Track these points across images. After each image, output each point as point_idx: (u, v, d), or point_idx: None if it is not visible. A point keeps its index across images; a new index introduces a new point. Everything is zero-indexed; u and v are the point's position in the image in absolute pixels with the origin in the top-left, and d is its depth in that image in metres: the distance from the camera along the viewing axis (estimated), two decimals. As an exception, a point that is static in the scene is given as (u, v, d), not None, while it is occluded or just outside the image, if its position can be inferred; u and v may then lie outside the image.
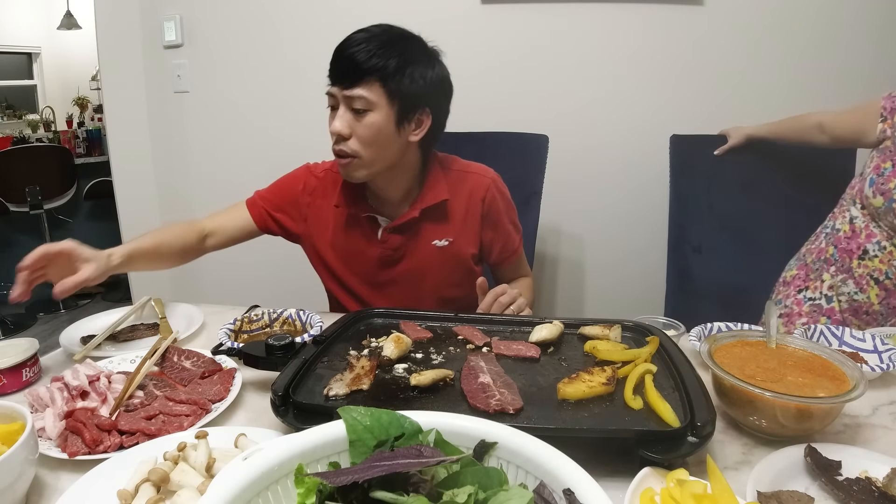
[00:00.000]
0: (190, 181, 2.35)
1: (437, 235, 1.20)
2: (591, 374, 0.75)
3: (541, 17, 1.90)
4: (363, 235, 1.20)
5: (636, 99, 1.92)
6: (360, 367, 0.78)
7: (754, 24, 1.82)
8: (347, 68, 1.03)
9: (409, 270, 1.21)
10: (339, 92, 1.05)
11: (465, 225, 1.21)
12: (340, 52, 1.05)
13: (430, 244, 1.20)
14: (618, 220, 2.02)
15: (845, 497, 0.59)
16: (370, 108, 1.04)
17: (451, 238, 1.20)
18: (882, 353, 0.92)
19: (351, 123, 1.05)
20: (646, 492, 0.57)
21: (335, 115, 1.07)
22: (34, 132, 4.54)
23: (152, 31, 2.20)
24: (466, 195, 1.21)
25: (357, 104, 1.04)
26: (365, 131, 1.05)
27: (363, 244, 1.21)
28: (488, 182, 1.22)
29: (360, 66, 1.02)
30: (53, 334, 2.64)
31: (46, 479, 0.66)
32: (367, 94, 1.03)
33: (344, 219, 1.21)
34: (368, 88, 1.03)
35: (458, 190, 1.21)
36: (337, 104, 1.07)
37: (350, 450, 0.48)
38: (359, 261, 1.22)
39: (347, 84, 1.03)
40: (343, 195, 1.20)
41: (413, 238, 1.19)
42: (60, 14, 4.98)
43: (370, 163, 1.09)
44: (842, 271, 1.32)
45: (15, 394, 0.86)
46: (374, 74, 1.02)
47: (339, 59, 1.05)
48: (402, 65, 1.04)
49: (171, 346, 0.95)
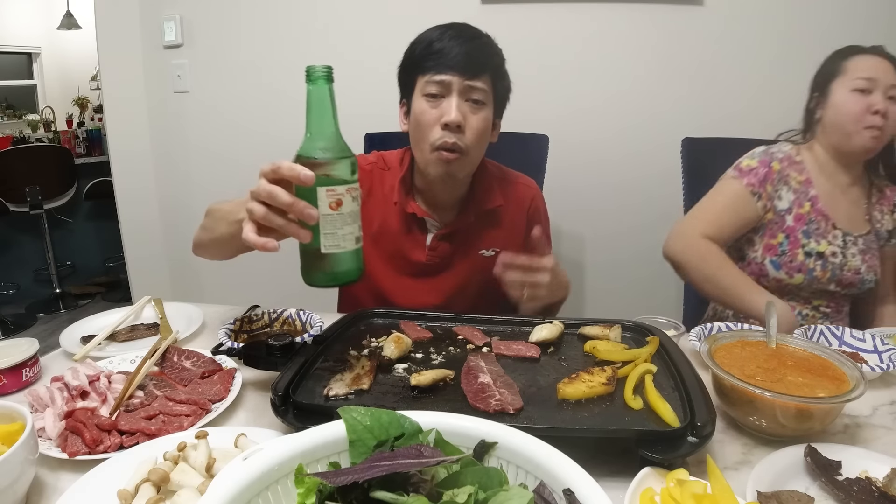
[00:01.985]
0: (190, 181, 2.35)
1: (485, 244, 1.16)
2: (591, 374, 0.75)
3: (541, 17, 1.90)
4: (411, 238, 1.15)
5: (636, 99, 1.92)
6: (360, 367, 0.78)
7: (754, 23, 1.82)
8: (472, 59, 1.00)
9: (453, 279, 1.16)
10: (460, 80, 1.00)
11: (512, 234, 1.18)
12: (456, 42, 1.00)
13: (477, 254, 1.16)
14: (618, 220, 2.02)
15: (845, 497, 0.59)
16: (486, 102, 1.03)
17: (499, 248, 1.16)
18: (882, 353, 0.93)
19: (465, 115, 1.02)
20: (646, 492, 0.57)
21: (439, 104, 1.01)
22: (34, 132, 4.54)
23: (152, 31, 2.21)
24: (515, 203, 1.19)
25: (477, 95, 1.02)
26: (479, 124, 1.03)
27: (409, 247, 1.15)
28: (533, 192, 1.22)
29: (481, 57, 1.01)
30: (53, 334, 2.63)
31: (46, 479, 0.66)
32: (486, 86, 1.02)
33: (396, 217, 1.14)
34: (486, 82, 1.02)
35: (509, 196, 1.19)
36: (445, 94, 1.01)
37: (350, 450, 0.48)
38: (400, 264, 1.16)
39: (471, 74, 1.00)
40: (400, 192, 1.14)
41: (462, 247, 1.16)
42: (60, 14, 4.98)
43: (473, 161, 1.06)
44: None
45: (15, 394, 0.86)
46: (490, 71, 1.02)
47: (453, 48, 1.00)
48: (503, 65, 1.06)
49: (171, 346, 0.95)
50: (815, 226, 1.22)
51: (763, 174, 1.22)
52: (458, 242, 1.15)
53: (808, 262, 1.21)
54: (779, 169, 1.23)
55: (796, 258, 1.21)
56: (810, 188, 1.23)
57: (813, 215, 1.22)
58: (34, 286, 3.93)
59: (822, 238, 1.22)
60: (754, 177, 1.22)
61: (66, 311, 3.72)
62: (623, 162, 1.97)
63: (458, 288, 1.17)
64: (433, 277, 1.17)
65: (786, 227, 1.23)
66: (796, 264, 1.21)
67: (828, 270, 1.21)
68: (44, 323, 3.56)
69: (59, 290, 3.80)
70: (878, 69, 1.16)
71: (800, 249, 1.21)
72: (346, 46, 2.03)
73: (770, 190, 1.23)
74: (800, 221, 1.22)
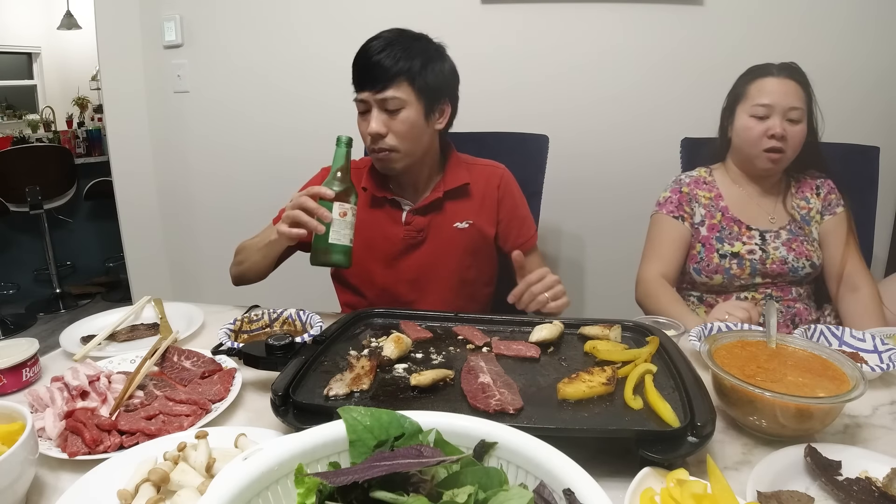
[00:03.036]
0: (190, 181, 2.35)
1: (458, 217, 1.26)
2: (591, 374, 0.75)
3: (541, 17, 1.90)
4: (387, 218, 1.26)
5: (636, 98, 1.92)
6: (360, 367, 0.78)
7: (754, 23, 1.82)
8: (377, 74, 1.11)
9: (432, 252, 1.26)
10: (371, 96, 1.13)
11: (483, 207, 1.28)
12: (366, 60, 1.13)
13: (451, 227, 1.26)
14: (618, 220, 2.02)
15: (845, 497, 0.59)
16: (403, 106, 1.13)
17: (472, 220, 1.27)
18: (882, 353, 0.92)
19: (386, 122, 1.14)
20: (646, 492, 0.57)
21: (368, 118, 1.15)
22: (34, 132, 4.54)
23: (152, 31, 2.20)
24: (483, 182, 1.30)
25: (390, 105, 1.13)
26: (401, 126, 1.14)
27: (387, 226, 1.26)
28: (501, 171, 1.33)
29: (388, 70, 1.11)
30: (53, 334, 2.63)
31: (46, 479, 0.66)
32: (399, 93, 1.12)
33: (368, 202, 1.26)
34: (398, 89, 1.12)
35: (475, 177, 1.29)
36: (368, 108, 1.14)
37: (350, 450, 0.48)
38: (382, 245, 1.26)
39: (380, 88, 1.12)
40: (370, 180, 1.26)
41: (436, 220, 1.26)
42: (60, 14, 4.98)
43: (407, 154, 1.17)
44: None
45: (15, 394, 0.86)
46: (403, 76, 1.12)
47: (365, 66, 1.13)
48: (424, 63, 1.14)
49: (171, 346, 0.95)
50: (727, 231, 1.34)
51: (677, 199, 1.37)
52: (432, 216, 1.26)
53: (723, 262, 1.31)
54: (688, 191, 1.37)
55: (712, 262, 1.32)
56: (720, 201, 1.36)
57: (724, 223, 1.34)
58: (34, 286, 3.92)
59: (735, 241, 1.32)
60: (671, 204, 1.37)
61: (66, 311, 3.71)
62: (623, 162, 1.97)
63: (441, 258, 1.26)
64: (416, 251, 1.26)
65: (701, 238, 1.35)
66: (713, 266, 1.32)
67: (746, 267, 1.30)
68: (44, 323, 3.56)
69: (59, 290, 3.79)
70: (776, 93, 1.24)
71: (715, 254, 1.32)
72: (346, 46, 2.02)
73: (687, 210, 1.36)
74: (712, 230, 1.34)
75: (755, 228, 1.33)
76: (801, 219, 1.35)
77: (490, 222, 1.29)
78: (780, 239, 1.31)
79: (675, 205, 1.36)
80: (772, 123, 1.24)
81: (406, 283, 1.27)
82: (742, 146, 1.30)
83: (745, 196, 1.36)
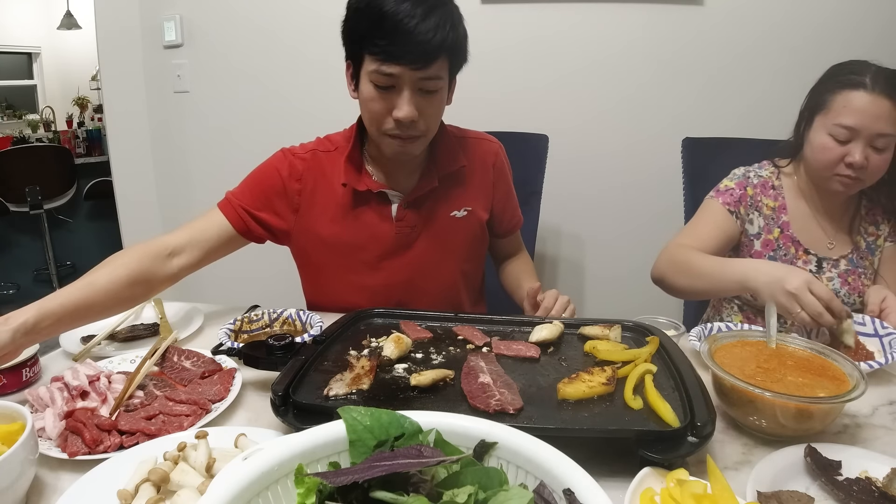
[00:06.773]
0: (190, 181, 2.35)
1: (455, 205, 1.12)
2: (591, 374, 0.75)
3: (541, 17, 1.90)
4: (375, 214, 1.09)
5: (636, 98, 1.92)
6: (360, 367, 0.78)
7: (754, 23, 1.82)
8: (422, 47, 0.90)
9: (428, 248, 1.12)
10: (410, 73, 0.92)
11: (480, 191, 1.15)
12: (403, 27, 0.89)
13: (448, 216, 1.12)
14: (617, 220, 2.02)
15: (845, 497, 0.59)
16: (440, 87, 0.96)
17: (470, 207, 1.13)
18: (882, 337, 0.92)
19: (419, 105, 0.95)
20: (646, 492, 0.57)
21: (390, 96, 0.94)
22: (34, 132, 4.54)
23: (152, 31, 2.20)
24: (479, 161, 1.15)
25: (431, 85, 0.95)
26: (435, 110, 0.99)
27: (374, 224, 1.09)
28: (496, 147, 1.19)
29: (432, 44, 0.90)
30: (53, 334, 2.63)
31: (46, 479, 0.66)
32: (441, 71, 0.95)
33: (350, 199, 1.08)
34: (441, 66, 0.94)
35: (471, 156, 1.14)
36: (395, 84, 0.94)
37: (350, 450, 0.48)
38: (369, 247, 1.10)
39: (421, 65, 0.91)
40: (349, 171, 1.07)
41: (430, 212, 1.11)
42: (60, 14, 4.98)
43: (430, 137, 1.03)
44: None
45: (15, 394, 0.86)
46: (445, 51, 0.93)
47: (405, 35, 0.89)
48: (461, 35, 0.96)
49: (171, 346, 0.95)
50: (782, 252, 1.21)
51: (738, 195, 1.23)
52: (427, 208, 1.10)
53: None
54: (752, 194, 1.23)
55: None
56: (783, 214, 1.22)
57: (782, 241, 1.22)
58: (34, 286, 3.92)
59: (790, 264, 1.19)
60: (730, 196, 1.23)
61: (66, 311, 3.71)
62: (623, 162, 1.97)
63: (437, 254, 1.13)
64: (409, 250, 1.11)
65: (753, 252, 1.23)
66: None
67: None
68: (44, 323, 3.55)
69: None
70: (866, 115, 1.04)
71: None
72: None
73: (743, 212, 1.23)
74: (767, 247, 1.22)
75: (812, 253, 1.20)
76: (867, 247, 1.22)
77: (484, 207, 1.15)
78: (837, 269, 1.20)
79: (735, 200, 1.22)
80: (853, 149, 1.05)
81: (399, 284, 1.13)
82: (814, 163, 1.14)
83: (809, 213, 1.22)
